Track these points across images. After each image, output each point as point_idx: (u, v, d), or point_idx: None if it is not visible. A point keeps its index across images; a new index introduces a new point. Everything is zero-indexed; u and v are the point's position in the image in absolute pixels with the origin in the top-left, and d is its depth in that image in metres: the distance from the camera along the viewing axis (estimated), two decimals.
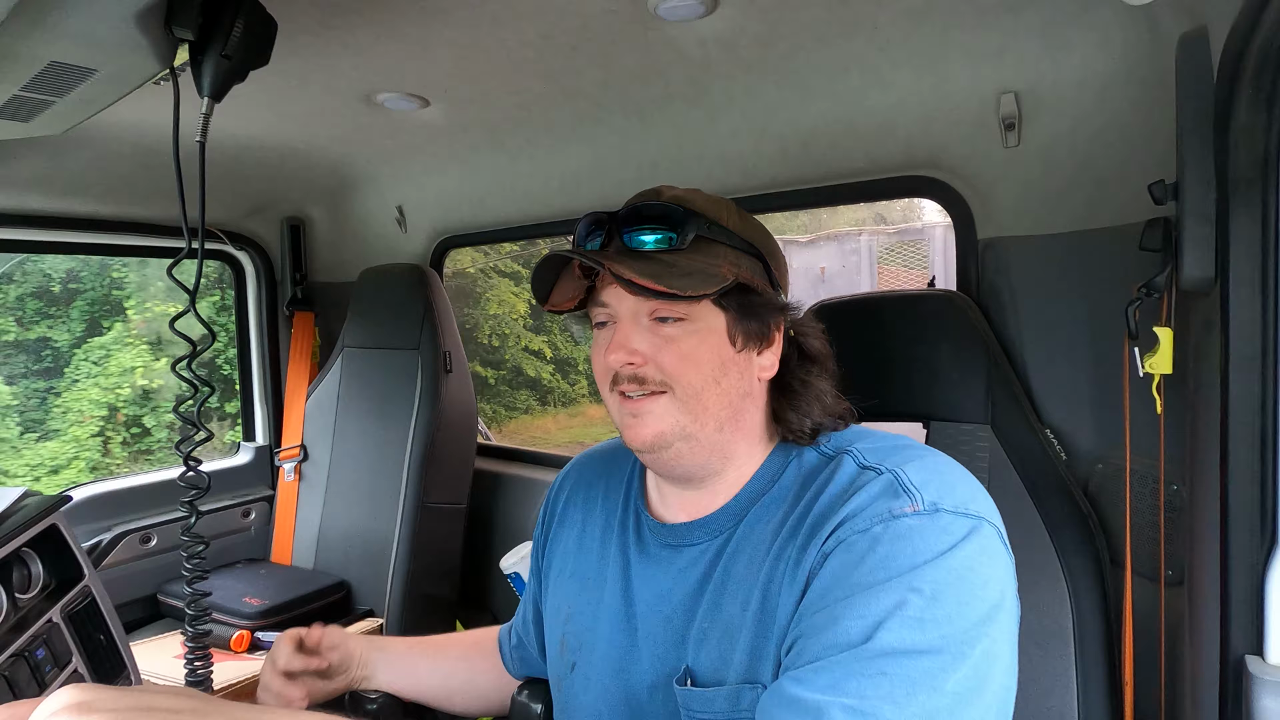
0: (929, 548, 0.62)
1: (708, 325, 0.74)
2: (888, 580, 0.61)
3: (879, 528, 0.64)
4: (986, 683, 0.59)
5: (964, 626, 0.59)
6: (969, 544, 0.63)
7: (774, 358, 0.79)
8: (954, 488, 0.67)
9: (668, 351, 0.74)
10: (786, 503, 0.74)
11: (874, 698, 0.56)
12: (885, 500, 0.65)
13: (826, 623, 0.61)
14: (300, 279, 2.34)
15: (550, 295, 0.81)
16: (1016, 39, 1.06)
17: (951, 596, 0.60)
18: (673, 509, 0.83)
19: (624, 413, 0.76)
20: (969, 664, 0.58)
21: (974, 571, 0.62)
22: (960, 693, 0.57)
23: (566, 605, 0.90)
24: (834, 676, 0.58)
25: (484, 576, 2.11)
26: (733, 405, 0.76)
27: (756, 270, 0.77)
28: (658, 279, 0.69)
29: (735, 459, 0.79)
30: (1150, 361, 0.88)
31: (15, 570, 0.98)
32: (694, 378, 0.74)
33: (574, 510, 0.95)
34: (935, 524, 0.63)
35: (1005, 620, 0.63)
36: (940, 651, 0.58)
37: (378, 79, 1.27)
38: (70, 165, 1.63)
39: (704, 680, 0.72)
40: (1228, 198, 0.75)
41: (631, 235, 0.75)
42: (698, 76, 1.26)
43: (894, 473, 0.68)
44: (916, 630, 0.58)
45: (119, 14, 0.77)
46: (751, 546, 0.74)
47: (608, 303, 0.77)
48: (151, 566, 1.99)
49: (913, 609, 0.59)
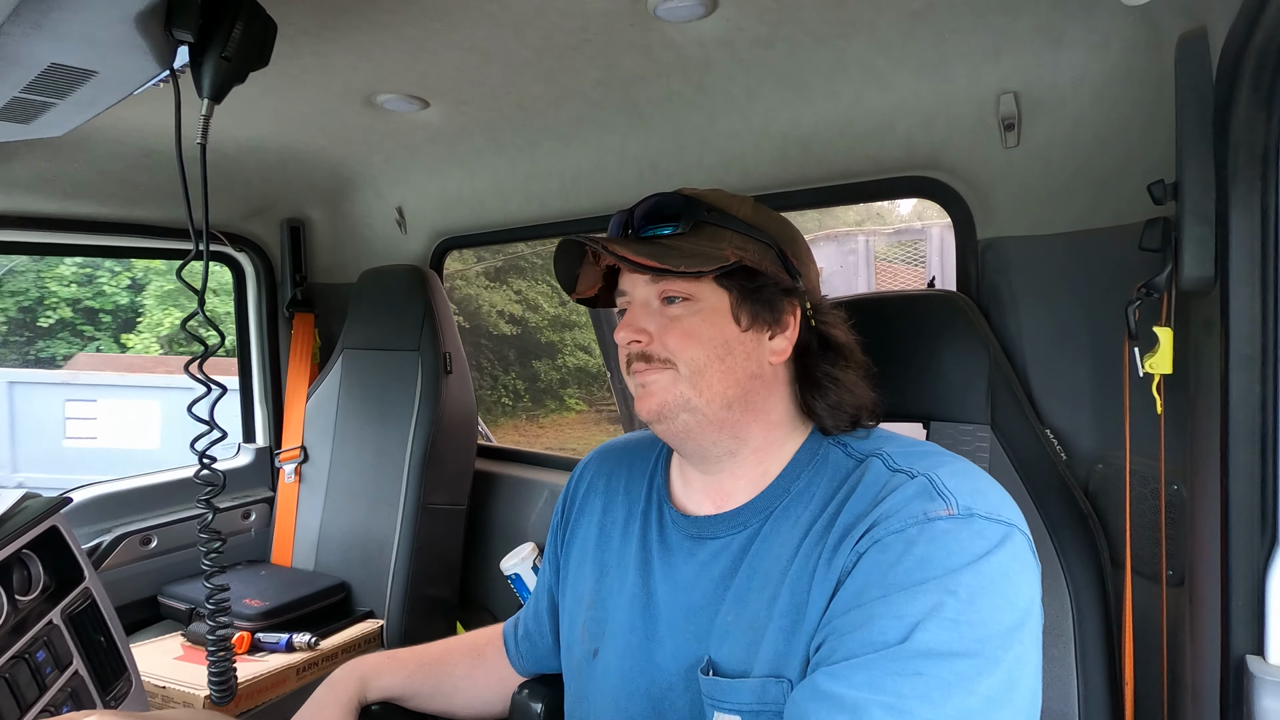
0: (965, 551, 0.62)
1: (710, 305, 0.78)
2: (925, 581, 0.61)
3: (914, 529, 0.64)
4: (1017, 688, 0.60)
5: (998, 631, 0.60)
6: (1002, 550, 0.63)
7: (787, 343, 0.80)
8: (985, 494, 0.68)
9: (672, 330, 0.78)
10: (815, 503, 0.75)
11: (911, 697, 0.57)
12: (920, 502, 0.66)
13: (862, 621, 0.62)
14: (300, 280, 2.34)
15: (575, 286, 0.89)
16: (1016, 39, 1.06)
17: (986, 601, 0.61)
18: (696, 497, 0.85)
19: (636, 385, 0.81)
20: (1002, 668, 0.59)
21: (1007, 578, 0.62)
22: (993, 696, 0.58)
23: (588, 592, 0.90)
24: (871, 675, 0.59)
25: (484, 578, 2.11)
26: (740, 385, 0.78)
27: (767, 255, 0.79)
28: (655, 258, 0.74)
29: (750, 442, 0.80)
30: (1150, 361, 0.88)
31: (15, 572, 0.98)
32: (695, 353, 0.77)
33: (595, 499, 0.96)
34: (969, 528, 0.64)
35: (1034, 627, 0.64)
36: (975, 655, 0.59)
37: (377, 80, 1.27)
38: (71, 167, 1.63)
39: (727, 671, 0.73)
40: (1227, 197, 0.75)
41: (643, 227, 0.81)
42: (697, 77, 1.26)
43: (927, 476, 0.68)
44: (953, 632, 0.59)
45: (119, 16, 0.77)
46: (778, 544, 0.75)
47: (625, 290, 0.82)
48: (152, 568, 1.99)
49: (949, 611, 0.60)
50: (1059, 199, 1.14)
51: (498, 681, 1.06)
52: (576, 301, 0.89)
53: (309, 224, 2.33)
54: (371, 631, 1.85)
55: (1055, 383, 1.15)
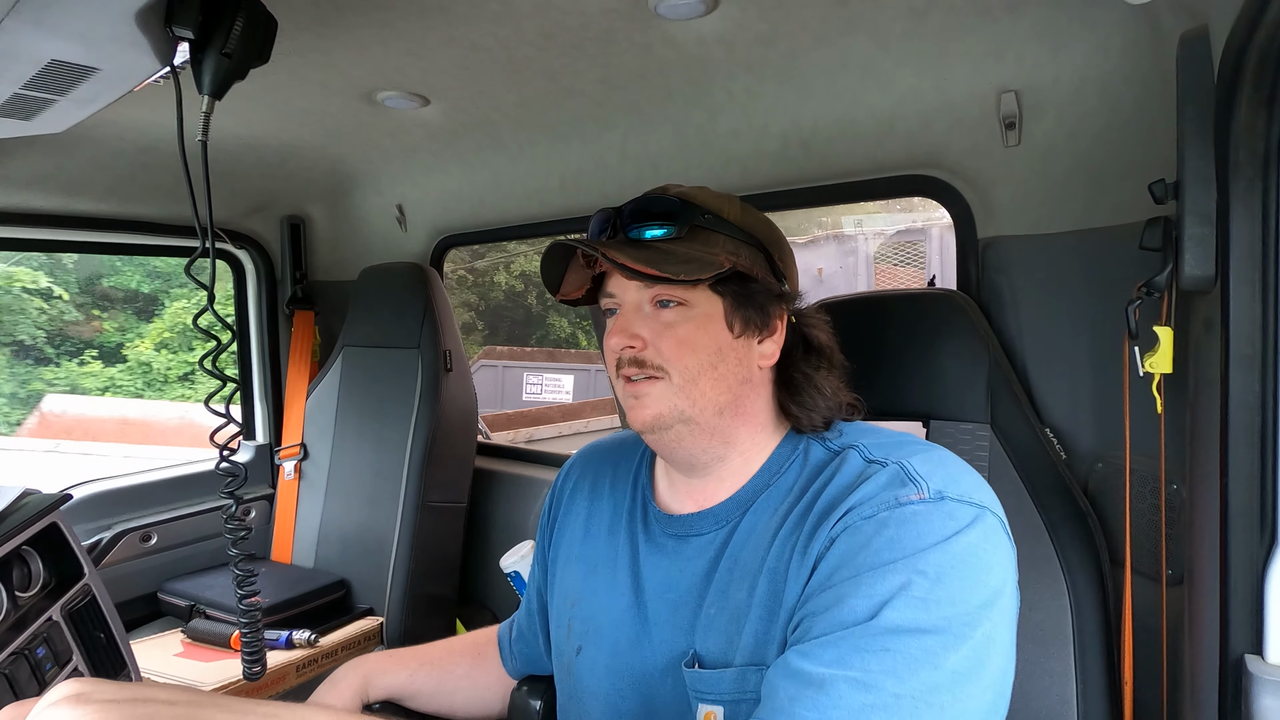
0: (934, 532, 0.63)
1: (704, 311, 0.77)
2: (893, 562, 0.62)
3: (885, 513, 0.66)
4: (985, 664, 0.61)
5: (966, 609, 0.61)
6: (973, 530, 0.64)
7: (775, 346, 0.81)
8: (958, 478, 0.69)
9: (666, 336, 0.77)
10: (792, 494, 0.76)
11: (877, 671, 0.58)
12: (892, 489, 0.67)
13: (833, 601, 0.63)
14: (300, 278, 2.34)
15: (561, 286, 0.87)
16: (1017, 38, 1.06)
17: (955, 579, 0.61)
18: (680, 498, 0.85)
19: (627, 395, 0.80)
20: (969, 645, 0.60)
21: (977, 557, 0.63)
22: (960, 671, 0.59)
23: (573, 591, 0.91)
24: (839, 651, 0.60)
25: (484, 575, 2.12)
26: (731, 391, 0.78)
27: (757, 260, 0.80)
28: (651, 264, 0.73)
29: (738, 445, 0.81)
30: (1150, 361, 0.88)
31: (15, 569, 0.98)
32: (690, 362, 0.77)
33: (581, 499, 0.97)
34: (940, 510, 0.65)
35: (1006, 606, 0.64)
36: (942, 631, 0.60)
37: (378, 77, 1.27)
38: (71, 164, 1.63)
39: (711, 663, 0.74)
40: (1228, 197, 0.75)
41: (633, 228, 0.79)
42: (698, 75, 1.26)
43: (900, 464, 0.70)
44: (920, 610, 0.60)
45: (119, 12, 0.77)
46: (757, 536, 0.76)
47: (614, 292, 0.81)
48: (152, 565, 1.99)
49: (918, 589, 0.61)
50: (1059, 198, 1.14)
51: (498, 681, 1.07)
52: (561, 302, 0.88)
53: (309, 221, 2.33)
54: (371, 629, 1.85)
55: (1055, 382, 1.15)
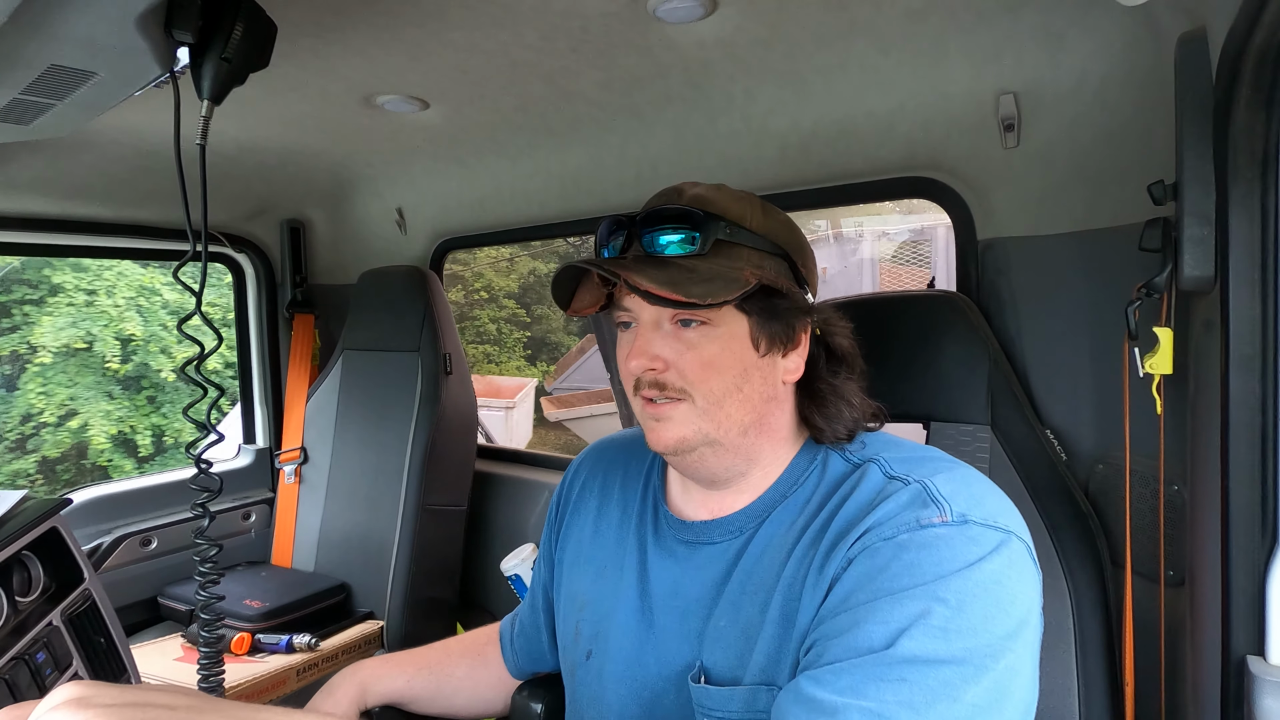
0: (956, 558, 0.61)
1: (729, 331, 0.73)
2: (913, 587, 0.60)
3: (905, 535, 0.63)
4: (1007, 697, 0.59)
5: (988, 640, 0.59)
6: (997, 557, 0.62)
7: (799, 360, 0.78)
8: (983, 500, 0.66)
9: (689, 358, 0.73)
10: (810, 508, 0.74)
11: (893, 703, 0.56)
12: (913, 509, 0.65)
13: (848, 626, 0.61)
14: (300, 281, 2.34)
15: (571, 301, 0.81)
16: (1016, 40, 1.06)
17: (977, 609, 0.59)
18: (694, 505, 0.83)
19: (647, 416, 0.76)
20: (990, 677, 0.58)
21: (1001, 585, 0.61)
22: (979, 705, 0.57)
23: (582, 593, 0.89)
24: (853, 679, 0.58)
25: (484, 579, 2.11)
26: (756, 410, 0.75)
27: (781, 270, 0.76)
28: (676, 287, 0.68)
29: (760, 461, 0.79)
30: (1150, 361, 0.88)
31: (15, 573, 0.98)
32: (715, 385, 0.73)
33: (590, 497, 0.95)
34: (963, 535, 0.63)
35: (1030, 636, 0.62)
36: (962, 663, 0.57)
37: (377, 81, 1.27)
38: (71, 168, 1.63)
39: (718, 678, 0.72)
40: (1227, 198, 0.75)
41: (651, 238, 0.74)
42: (697, 78, 1.26)
43: (922, 483, 0.67)
44: (940, 640, 0.58)
45: (119, 17, 0.77)
46: (773, 550, 0.74)
47: (630, 307, 0.77)
48: (152, 569, 1.99)
49: (937, 618, 0.58)
50: (1059, 199, 1.14)
51: (498, 682, 1.06)
52: (570, 315, 0.84)
53: (309, 225, 2.33)
54: (372, 632, 1.85)
55: (1055, 383, 1.15)
